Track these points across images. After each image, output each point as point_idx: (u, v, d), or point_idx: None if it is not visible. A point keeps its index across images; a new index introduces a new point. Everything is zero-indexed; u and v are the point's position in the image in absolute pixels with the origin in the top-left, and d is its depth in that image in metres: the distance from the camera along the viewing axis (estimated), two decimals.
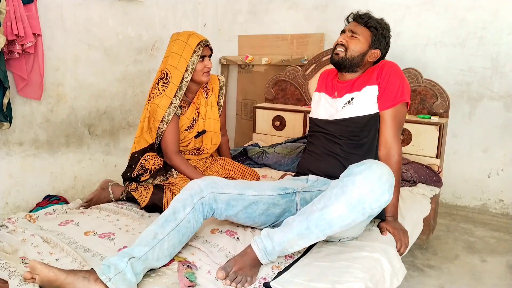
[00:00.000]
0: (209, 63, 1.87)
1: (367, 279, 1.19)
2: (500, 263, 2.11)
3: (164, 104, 1.81)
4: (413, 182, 2.09)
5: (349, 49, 1.63)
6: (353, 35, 1.64)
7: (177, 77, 1.82)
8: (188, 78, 1.84)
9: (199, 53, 1.83)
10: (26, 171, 2.30)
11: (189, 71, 1.83)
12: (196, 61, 1.83)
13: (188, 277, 1.17)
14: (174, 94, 1.83)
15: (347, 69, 1.67)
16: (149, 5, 2.92)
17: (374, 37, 1.64)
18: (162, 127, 1.83)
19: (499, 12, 2.51)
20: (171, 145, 1.85)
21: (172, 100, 1.83)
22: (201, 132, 1.98)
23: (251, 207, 1.43)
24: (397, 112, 1.59)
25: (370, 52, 1.65)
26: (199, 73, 1.86)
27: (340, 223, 1.22)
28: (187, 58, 1.81)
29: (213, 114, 2.01)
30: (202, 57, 1.85)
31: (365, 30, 1.64)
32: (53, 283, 1.08)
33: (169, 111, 1.82)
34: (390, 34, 1.69)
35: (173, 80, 1.82)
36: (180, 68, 1.82)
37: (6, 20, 1.94)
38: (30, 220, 1.60)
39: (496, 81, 2.57)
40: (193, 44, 1.82)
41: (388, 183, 1.20)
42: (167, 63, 1.85)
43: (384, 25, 1.67)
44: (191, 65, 1.82)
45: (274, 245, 1.25)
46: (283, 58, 3.22)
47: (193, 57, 1.82)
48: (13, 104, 2.16)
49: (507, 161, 2.62)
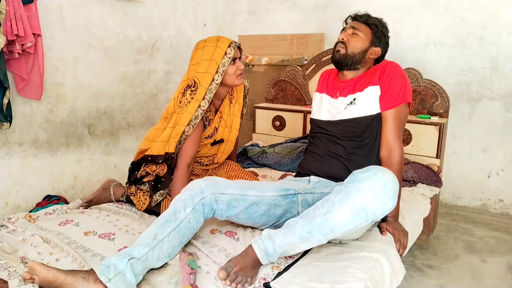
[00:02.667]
0: (241, 65, 1.77)
1: (366, 279, 1.19)
2: (500, 263, 2.11)
3: (191, 108, 1.68)
4: (413, 182, 2.09)
5: (350, 46, 1.63)
6: (354, 31, 1.64)
7: (207, 79, 1.70)
8: (219, 80, 1.72)
9: (231, 55, 1.72)
10: (26, 171, 2.30)
11: (219, 73, 1.71)
12: (227, 63, 1.72)
13: (189, 264, 1.18)
14: (203, 96, 1.69)
15: (348, 66, 1.65)
16: (149, 5, 2.92)
17: (374, 35, 1.64)
18: (188, 130, 1.67)
19: (499, 12, 2.51)
20: (185, 156, 1.70)
21: (200, 102, 1.68)
22: (219, 141, 1.88)
23: (252, 207, 1.43)
24: (399, 112, 1.58)
25: (371, 50, 1.64)
26: (232, 76, 1.75)
27: (342, 229, 1.22)
28: (218, 60, 1.71)
29: (234, 123, 1.93)
30: (233, 60, 1.74)
31: (365, 27, 1.65)
32: (52, 284, 1.08)
33: (196, 114, 1.68)
34: (389, 34, 1.70)
35: (202, 84, 1.70)
36: (211, 71, 1.71)
37: (6, 20, 1.95)
38: (30, 220, 1.60)
39: (496, 81, 2.57)
40: (224, 46, 1.72)
41: (393, 191, 1.20)
42: (195, 71, 1.74)
43: (383, 24, 1.67)
44: (222, 67, 1.71)
45: (275, 247, 1.25)
46: (283, 58, 3.21)
47: (224, 59, 1.71)
48: (13, 104, 2.16)
49: (507, 161, 2.62)
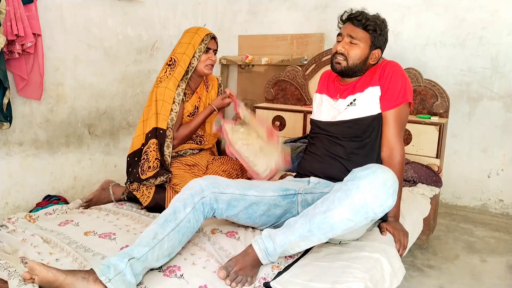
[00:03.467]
0: (213, 56, 1.95)
1: (366, 279, 1.19)
2: (500, 263, 2.11)
3: (172, 86, 1.86)
4: (413, 182, 2.09)
5: (350, 57, 1.57)
6: (352, 41, 1.57)
7: (184, 61, 1.89)
8: (195, 64, 1.90)
9: (207, 43, 1.90)
10: (26, 171, 2.30)
11: (196, 57, 1.90)
12: (204, 49, 1.90)
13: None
14: (181, 77, 1.88)
15: (350, 75, 1.63)
16: (149, 5, 2.92)
17: (373, 38, 1.58)
18: (175, 108, 1.86)
19: (499, 12, 2.51)
20: (174, 129, 1.89)
21: (179, 82, 1.88)
22: None
23: (252, 207, 1.43)
24: (399, 112, 1.57)
25: (372, 54, 1.60)
26: (202, 63, 1.92)
27: (342, 227, 1.22)
28: (195, 45, 1.89)
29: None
30: (207, 50, 1.92)
31: (364, 33, 1.57)
32: (52, 284, 1.08)
33: (178, 92, 1.87)
34: (387, 28, 1.62)
35: (180, 63, 1.89)
36: (188, 54, 1.89)
37: (6, 20, 1.95)
38: (30, 220, 1.60)
39: (496, 81, 2.58)
40: (202, 34, 1.91)
41: (392, 189, 1.20)
42: (175, 51, 1.93)
43: (381, 23, 1.59)
44: (198, 52, 1.89)
45: (276, 247, 1.25)
46: (283, 58, 3.21)
47: (201, 45, 1.90)
48: (13, 104, 2.16)
49: (507, 161, 2.62)
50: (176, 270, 1.25)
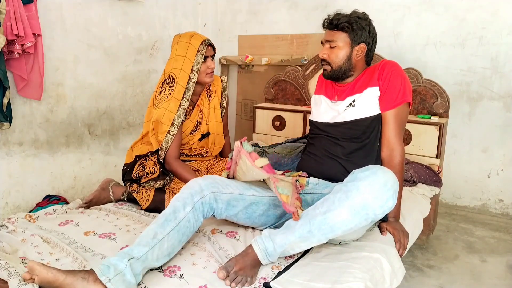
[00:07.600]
0: (212, 63, 1.86)
1: (366, 279, 1.19)
2: (500, 263, 2.11)
3: (172, 107, 1.79)
4: (413, 182, 2.09)
5: (332, 61, 1.60)
6: (331, 44, 1.59)
7: (183, 78, 1.80)
8: (195, 78, 1.82)
9: (203, 52, 1.82)
10: (26, 171, 2.30)
11: (194, 71, 1.82)
12: (201, 60, 1.81)
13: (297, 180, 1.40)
14: (182, 96, 1.80)
15: (341, 78, 1.64)
16: (149, 5, 2.92)
17: (351, 35, 1.58)
18: (173, 130, 1.80)
19: (499, 12, 2.50)
20: (171, 151, 1.83)
21: (180, 102, 1.81)
22: (205, 134, 1.97)
23: (251, 207, 1.43)
24: (399, 112, 1.57)
25: (354, 51, 1.59)
26: (202, 74, 1.85)
27: (342, 228, 1.22)
28: (192, 58, 1.80)
29: (216, 117, 2.01)
30: (204, 58, 1.83)
31: (339, 33, 1.58)
32: (52, 284, 1.08)
33: (179, 113, 1.81)
34: (368, 21, 1.61)
35: (179, 82, 1.80)
36: (186, 69, 1.80)
37: (6, 20, 1.95)
38: (30, 220, 1.60)
39: (496, 81, 2.57)
40: (196, 44, 1.81)
41: (392, 190, 1.20)
42: (171, 67, 1.83)
43: (356, 18, 1.58)
44: (196, 65, 1.81)
45: (276, 247, 1.25)
46: (283, 58, 3.21)
47: (198, 57, 1.81)
48: (13, 104, 2.16)
49: (507, 161, 2.62)
50: (176, 270, 1.25)
